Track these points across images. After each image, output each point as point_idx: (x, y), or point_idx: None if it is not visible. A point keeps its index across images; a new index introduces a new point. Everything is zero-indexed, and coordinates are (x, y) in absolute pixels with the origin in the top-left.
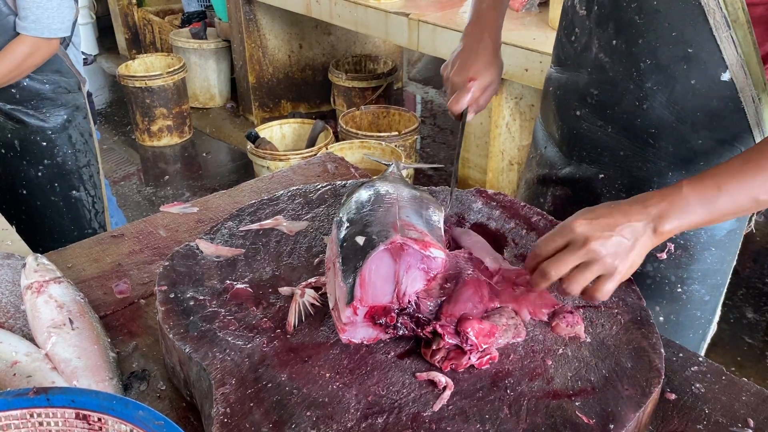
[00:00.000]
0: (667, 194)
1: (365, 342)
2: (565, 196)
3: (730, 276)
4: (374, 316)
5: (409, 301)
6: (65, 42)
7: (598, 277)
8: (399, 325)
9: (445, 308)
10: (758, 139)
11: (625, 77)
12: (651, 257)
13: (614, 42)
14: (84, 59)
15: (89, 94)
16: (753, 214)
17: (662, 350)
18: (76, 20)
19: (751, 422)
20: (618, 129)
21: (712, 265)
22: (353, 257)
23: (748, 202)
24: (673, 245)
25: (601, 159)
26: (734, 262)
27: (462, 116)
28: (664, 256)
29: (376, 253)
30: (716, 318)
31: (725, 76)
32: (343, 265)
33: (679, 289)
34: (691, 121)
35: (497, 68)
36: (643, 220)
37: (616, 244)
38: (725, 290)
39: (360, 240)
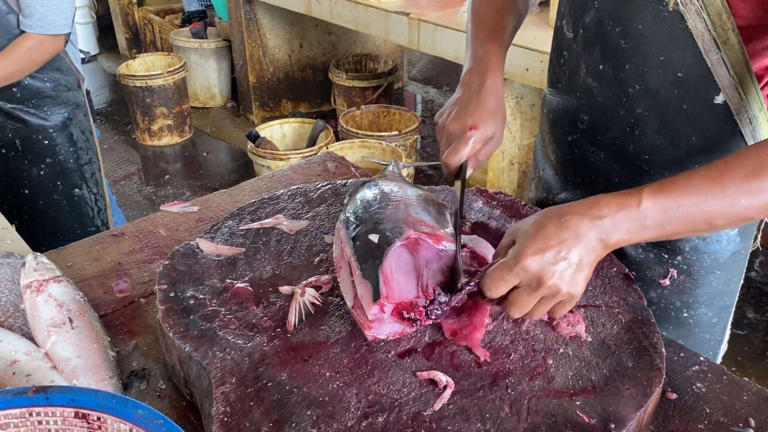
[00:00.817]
0: (624, 204)
1: (390, 337)
2: None
3: (737, 295)
4: (402, 311)
5: (434, 291)
6: (66, 39)
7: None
8: (431, 314)
9: (446, 327)
10: None
11: (614, 103)
12: (653, 284)
13: (601, 66)
14: (81, 57)
15: (87, 92)
16: (757, 233)
17: (663, 350)
18: (74, 17)
19: (753, 422)
20: (611, 155)
21: (718, 287)
22: (370, 255)
23: (703, 227)
24: (675, 271)
25: (596, 185)
26: (741, 282)
27: (459, 171)
28: (666, 282)
29: (394, 249)
30: (726, 338)
31: (719, 99)
32: (361, 264)
33: (686, 314)
34: (686, 147)
35: (501, 117)
36: (595, 235)
37: (570, 272)
38: (734, 309)
39: (374, 238)
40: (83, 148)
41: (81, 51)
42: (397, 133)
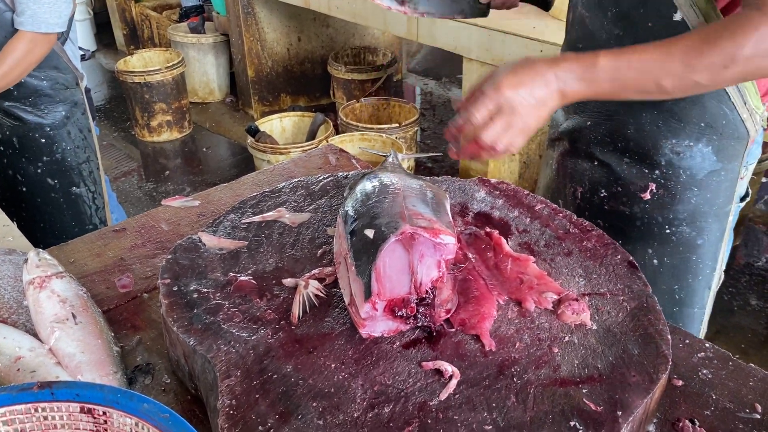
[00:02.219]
0: (581, 59)
1: (385, 335)
2: (565, 150)
3: (727, 228)
4: (394, 308)
5: (427, 290)
6: (62, 38)
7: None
8: (419, 315)
9: (454, 317)
10: None
11: (598, 27)
12: (636, 198)
13: None
14: (81, 55)
15: (87, 90)
16: (742, 161)
17: (669, 336)
18: (72, 16)
19: (759, 407)
20: None
21: (698, 206)
22: (365, 251)
23: (652, 86)
24: (654, 185)
25: (587, 109)
26: (730, 216)
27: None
28: (647, 196)
29: (388, 245)
30: (719, 266)
31: (677, 17)
32: (355, 260)
33: (668, 231)
34: None
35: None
36: (554, 82)
37: (532, 105)
38: (726, 240)
39: (369, 233)
40: (81, 146)
41: (81, 49)
42: (396, 125)
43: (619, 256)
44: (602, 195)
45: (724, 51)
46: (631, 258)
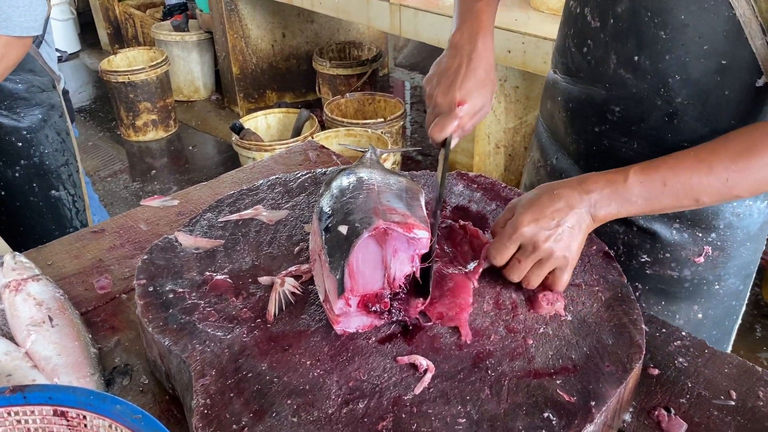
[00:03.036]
0: (612, 181)
1: (360, 330)
2: None
3: (759, 262)
4: (367, 304)
5: (401, 285)
6: (37, 40)
7: (554, 270)
8: (393, 310)
9: (431, 310)
10: None
11: (651, 94)
12: (688, 262)
13: (636, 58)
14: (59, 56)
15: (65, 92)
16: None
17: (643, 326)
18: (47, 18)
19: (734, 394)
20: (645, 145)
21: (747, 257)
22: (338, 248)
23: (689, 202)
24: (710, 248)
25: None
26: (763, 250)
27: (444, 144)
28: (701, 260)
29: (361, 241)
30: (746, 300)
31: (760, 82)
32: (329, 257)
33: (716, 286)
34: (725, 130)
35: (491, 87)
36: (584, 208)
37: (563, 237)
38: (754, 275)
39: (343, 229)
40: (59, 149)
41: (58, 50)
42: (382, 120)
43: (594, 247)
44: (643, 260)
45: (766, 166)
46: (606, 249)
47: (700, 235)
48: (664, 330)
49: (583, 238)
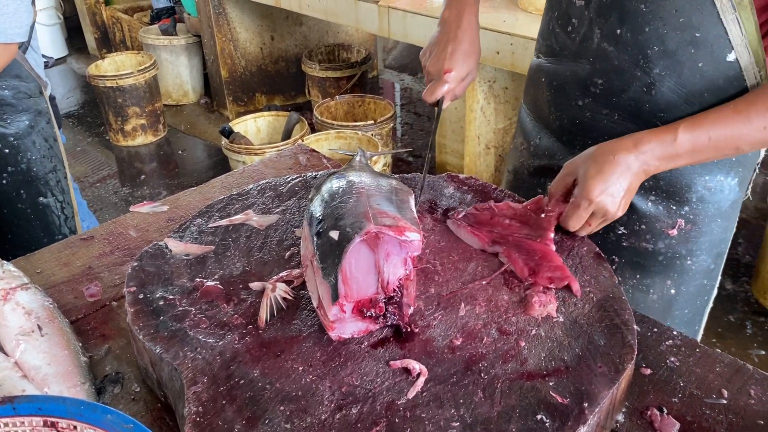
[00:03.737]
0: (662, 140)
1: (355, 336)
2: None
3: (730, 243)
4: (362, 309)
5: (395, 289)
6: (23, 46)
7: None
8: (388, 314)
9: (540, 279)
10: None
11: (631, 65)
12: (662, 235)
13: (618, 31)
14: (45, 62)
15: (52, 98)
16: (749, 184)
17: (635, 326)
18: (33, 24)
19: (725, 393)
20: (625, 115)
21: (718, 235)
22: (330, 253)
23: (730, 152)
24: (683, 221)
25: None
26: (734, 230)
27: (437, 104)
28: (675, 232)
29: (353, 246)
30: (717, 283)
31: (731, 57)
32: (321, 263)
33: (689, 262)
34: (699, 103)
35: (475, 56)
36: (639, 167)
37: (625, 199)
38: (726, 256)
39: (334, 234)
40: (47, 155)
41: (44, 56)
42: (372, 122)
43: (585, 248)
44: (620, 232)
45: None
46: (597, 249)
47: (674, 207)
48: (655, 329)
49: (634, 193)
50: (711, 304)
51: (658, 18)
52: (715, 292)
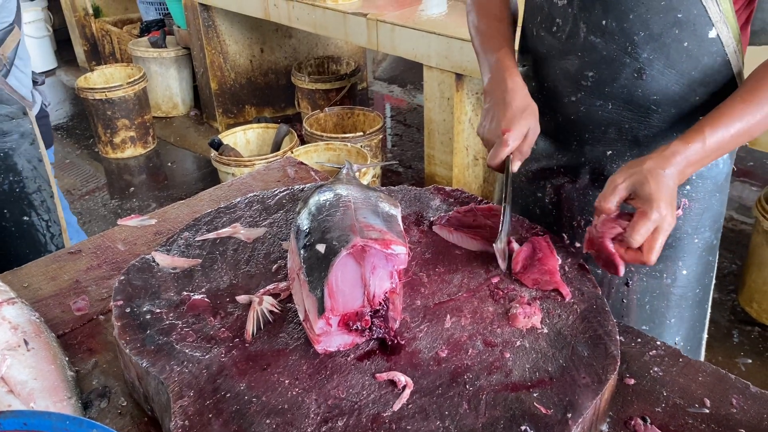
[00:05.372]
0: (690, 145)
1: (341, 349)
2: (568, 183)
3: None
4: (348, 322)
5: (381, 302)
6: (4, 69)
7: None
8: (374, 327)
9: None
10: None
11: (620, 53)
12: None
13: (604, 22)
14: (34, 80)
15: (45, 116)
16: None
17: (618, 337)
18: (16, 47)
19: (708, 402)
20: (619, 103)
21: (717, 208)
22: (317, 267)
23: (747, 140)
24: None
25: (606, 136)
26: (726, 203)
27: (504, 167)
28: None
29: (340, 260)
30: (717, 258)
31: (712, 34)
32: (308, 276)
33: (696, 240)
34: (688, 81)
35: (531, 111)
36: (680, 177)
37: (673, 211)
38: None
39: (321, 248)
40: (29, 177)
41: (35, 74)
42: (361, 133)
43: (570, 259)
44: None
45: None
46: (581, 261)
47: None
48: (639, 340)
49: (666, 197)
50: (714, 281)
51: (640, 4)
52: (715, 269)
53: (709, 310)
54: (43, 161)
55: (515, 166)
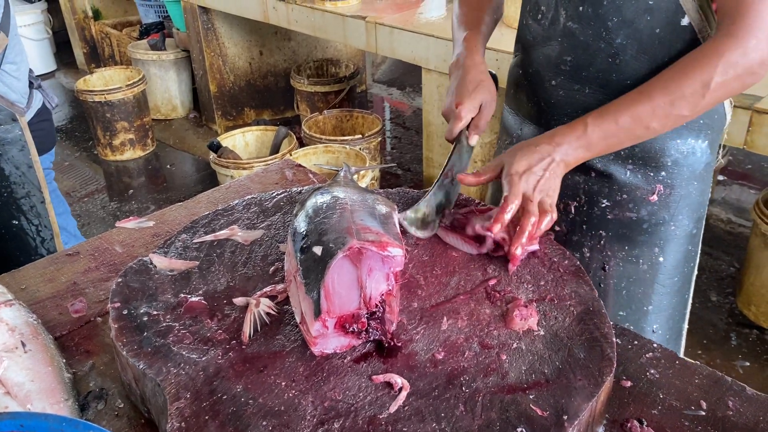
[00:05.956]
0: (574, 131)
1: (338, 351)
2: None
3: (707, 208)
4: (344, 324)
5: (377, 304)
6: None
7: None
8: (371, 330)
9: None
10: None
11: (595, 38)
12: (644, 202)
13: (581, 8)
14: (30, 83)
15: (46, 119)
16: (720, 146)
17: (614, 339)
18: (4, 51)
19: (704, 404)
20: (595, 88)
21: (696, 198)
22: (313, 269)
23: (642, 132)
24: (661, 186)
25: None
26: (709, 194)
27: (456, 141)
28: (655, 198)
29: (336, 262)
30: (699, 249)
31: (684, 21)
32: (304, 279)
33: (672, 227)
34: (660, 67)
35: (486, 86)
36: (560, 157)
37: (548, 177)
38: (704, 223)
39: (317, 250)
40: (18, 182)
41: (32, 78)
42: (360, 136)
43: (566, 261)
44: (603, 205)
45: (697, 82)
46: (578, 263)
47: (652, 174)
48: (636, 342)
49: (559, 178)
50: (696, 272)
51: None
52: (698, 259)
53: (690, 301)
54: (33, 167)
55: (473, 140)
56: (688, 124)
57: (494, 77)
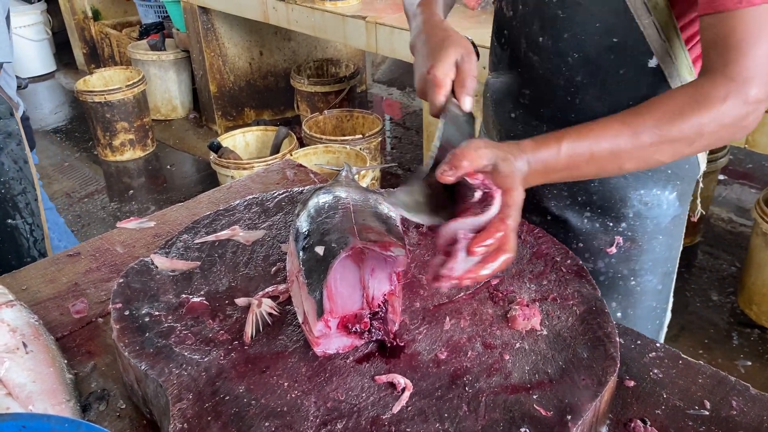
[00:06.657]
0: (544, 153)
1: (341, 351)
2: None
3: (678, 262)
4: (347, 324)
5: (380, 304)
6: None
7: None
8: (373, 330)
9: None
10: None
11: (555, 73)
12: (601, 253)
13: (540, 39)
14: (20, 84)
15: (26, 119)
16: (697, 203)
17: (617, 339)
18: (9, 47)
19: (708, 404)
20: (552, 127)
21: (662, 253)
22: (316, 269)
23: (613, 169)
24: (621, 238)
25: None
26: (680, 249)
27: (442, 112)
28: (614, 250)
29: (338, 262)
30: (670, 305)
31: (652, 63)
32: (306, 279)
33: (633, 282)
34: (623, 109)
35: (455, 40)
36: (523, 159)
37: (507, 175)
38: (675, 277)
39: (320, 250)
40: (16, 177)
41: (18, 78)
42: (360, 136)
43: (569, 261)
44: None
45: (693, 125)
46: (580, 262)
47: (611, 224)
48: (639, 342)
49: (522, 188)
50: (665, 329)
51: (575, 23)
52: (669, 315)
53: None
54: (28, 163)
55: (466, 104)
56: (653, 173)
57: (473, 44)
